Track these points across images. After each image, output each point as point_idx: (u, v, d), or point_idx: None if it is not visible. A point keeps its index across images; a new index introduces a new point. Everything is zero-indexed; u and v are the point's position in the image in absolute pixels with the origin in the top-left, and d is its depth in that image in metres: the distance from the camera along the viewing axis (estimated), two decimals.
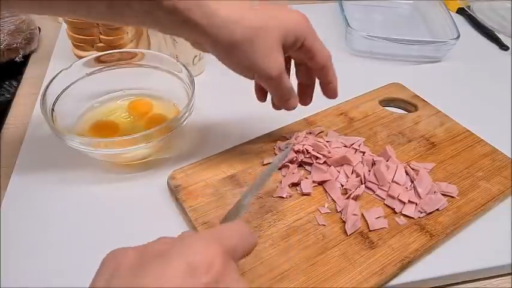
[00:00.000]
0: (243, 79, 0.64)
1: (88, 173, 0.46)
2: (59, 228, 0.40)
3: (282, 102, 0.43)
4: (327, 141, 0.47)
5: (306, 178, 0.44)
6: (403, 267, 0.37)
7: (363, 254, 0.38)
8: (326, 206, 0.42)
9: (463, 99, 0.59)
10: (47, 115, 0.43)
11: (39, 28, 0.68)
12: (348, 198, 0.42)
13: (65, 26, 0.60)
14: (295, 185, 0.44)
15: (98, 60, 0.51)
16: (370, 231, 0.40)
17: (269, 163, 0.46)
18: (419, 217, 0.41)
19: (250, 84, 0.60)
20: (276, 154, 0.47)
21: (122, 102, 0.52)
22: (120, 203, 0.43)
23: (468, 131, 0.51)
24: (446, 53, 0.66)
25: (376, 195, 0.43)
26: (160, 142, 0.44)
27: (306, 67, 0.42)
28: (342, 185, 0.43)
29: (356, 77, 0.62)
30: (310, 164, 0.45)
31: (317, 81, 0.62)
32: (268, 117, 0.53)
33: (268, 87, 0.41)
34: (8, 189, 0.44)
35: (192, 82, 0.47)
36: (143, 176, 0.46)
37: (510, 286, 0.40)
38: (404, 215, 0.41)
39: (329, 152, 0.45)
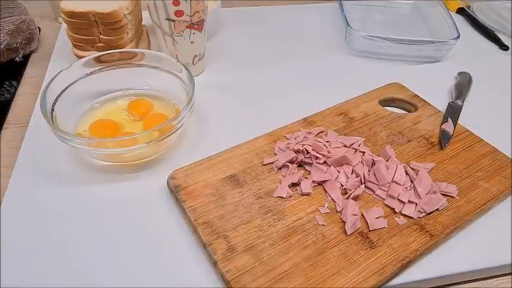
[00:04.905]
0: (242, 79, 0.64)
1: (88, 173, 0.46)
2: (59, 228, 0.40)
3: None
4: (327, 141, 0.47)
5: (306, 178, 0.44)
6: (403, 267, 0.37)
7: (362, 254, 0.38)
8: (326, 206, 0.42)
9: None
10: (46, 115, 0.43)
11: (39, 28, 0.68)
12: (347, 198, 0.42)
13: (65, 26, 0.60)
14: (295, 185, 0.44)
15: (98, 60, 0.51)
16: (370, 231, 0.40)
17: (269, 163, 0.46)
18: (419, 217, 0.41)
19: (249, 85, 0.60)
20: (276, 154, 0.47)
21: (122, 102, 0.52)
22: (120, 203, 0.43)
23: (468, 130, 0.51)
24: (446, 53, 0.66)
25: (376, 195, 0.43)
26: (160, 142, 0.44)
27: None
28: (342, 185, 0.43)
29: (356, 77, 0.62)
30: (310, 164, 0.45)
31: (318, 84, 0.63)
32: (268, 117, 0.53)
33: None
34: (8, 189, 0.44)
35: (192, 82, 0.47)
36: (143, 176, 0.46)
37: (510, 286, 0.40)
38: (404, 215, 0.41)
39: (329, 152, 0.45)
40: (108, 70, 0.51)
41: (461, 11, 0.81)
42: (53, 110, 0.45)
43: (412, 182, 0.44)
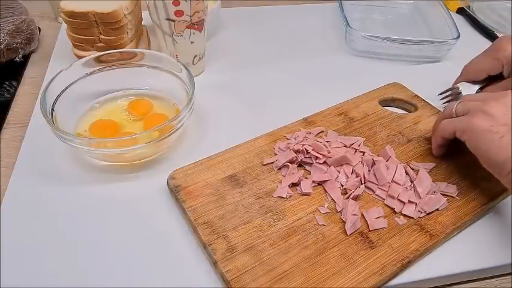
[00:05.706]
0: (242, 79, 0.64)
1: (88, 173, 0.46)
2: (59, 228, 0.40)
3: None
4: (327, 141, 0.47)
5: (306, 178, 0.44)
6: (403, 267, 0.37)
7: (362, 254, 0.38)
8: (326, 206, 0.42)
9: None
10: (46, 115, 0.43)
11: (39, 28, 0.68)
12: (347, 198, 0.42)
13: (64, 26, 0.60)
14: (295, 185, 0.44)
15: (98, 60, 0.51)
16: (370, 231, 0.40)
17: (269, 163, 0.46)
18: (419, 217, 0.41)
19: (249, 85, 0.60)
20: (276, 154, 0.47)
21: (122, 102, 0.52)
22: (120, 203, 0.43)
23: None
24: (446, 53, 0.66)
25: (376, 195, 0.43)
26: (160, 142, 0.44)
27: None
28: (342, 185, 0.43)
29: (356, 77, 0.62)
30: (310, 164, 0.45)
31: (318, 84, 0.62)
32: (268, 117, 0.53)
33: None
34: (8, 189, 0.44)
35: (192, 82, 0.47)
36: (143, 176, 0.46)
37: (510, 286, 0.40)
38: (404, 215, 0.41)
39: (329, 152, 0.45)
40: (108, 70, 0.51)
41: (461, 11, 0.81)
42: (53, 110, 0.45)
43: (412, 182, 0.44)
